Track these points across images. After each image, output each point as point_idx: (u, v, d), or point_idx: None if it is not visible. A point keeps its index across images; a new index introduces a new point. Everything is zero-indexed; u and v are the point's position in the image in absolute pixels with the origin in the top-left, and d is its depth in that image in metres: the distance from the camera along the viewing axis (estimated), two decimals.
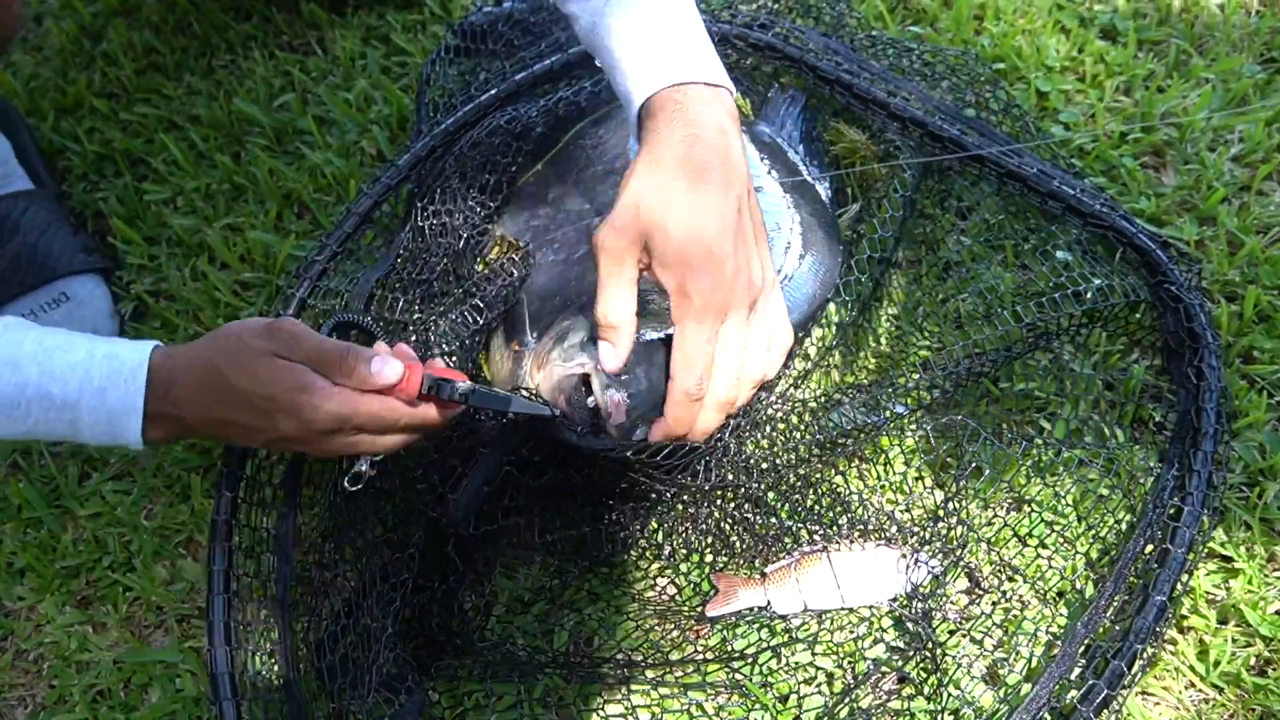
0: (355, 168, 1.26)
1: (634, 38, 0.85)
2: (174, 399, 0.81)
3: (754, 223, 0.82)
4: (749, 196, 0.82)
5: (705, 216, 0.78)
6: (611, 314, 0.80)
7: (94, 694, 0.96)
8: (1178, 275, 0.98)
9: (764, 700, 0.87)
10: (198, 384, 0.81)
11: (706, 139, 0.80)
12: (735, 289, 0.78)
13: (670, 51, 0.84)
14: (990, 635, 0.88)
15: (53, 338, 0.82)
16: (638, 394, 0.83)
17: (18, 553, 1.03)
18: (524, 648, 0.91)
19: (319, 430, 0.80)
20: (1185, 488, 0.90)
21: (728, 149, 0.81)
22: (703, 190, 0.79)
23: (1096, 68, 1.22)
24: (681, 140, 0.80)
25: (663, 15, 0.86)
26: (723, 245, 0.78)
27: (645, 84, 0.83)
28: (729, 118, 0.83)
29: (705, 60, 0.84)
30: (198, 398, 0.81)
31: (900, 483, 0.96)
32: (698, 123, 0.81)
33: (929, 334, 1.04)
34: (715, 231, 0.78)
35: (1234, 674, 0.85)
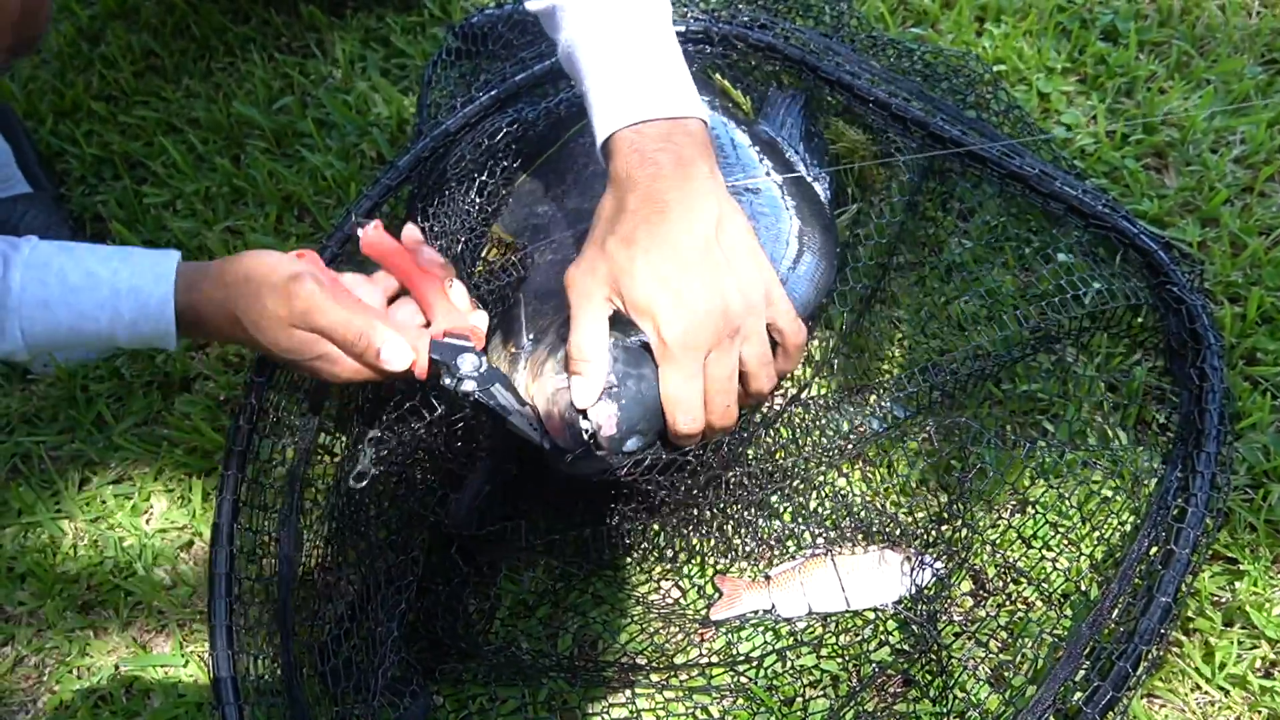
0: (355, 170, 1.26)
1: (598, 73, 0.85)
2: (204, 329, 0.87)
3: (732, 245, 0.81)
4: (722, 221, 0.81)
5: (669, 258, 0.78)
6: (583, 349, 0.81)
7: (95, 699, 0.95)
8: (1180, 276, 0.98)
9: (769, 703, 0.87)
10: (223, 325, 0.86)
11: (665, 176, 0.80)
12: (710, 324, 0.78)
13: (632, 88, 0.83)
14: (995, 637, 0.88)
15: (76, 272, 0.84)
16: (628, 404, 0.83)
17: (18, 557, 1.03)
18: (528, 651, 0.91)
19: (289, 318, 0.84)
20: (1189, 489, 0.89)
21: (688, 181, 0.80)
22: (665, 231, 0.79)
23: (1098, 69, 1.22)
24: (640, 180, 0.80)
25: (630, 47, 0.85)
26: (689, 284, 0.78)
27: (606, 123, 0.83)
28: (691, 147, 0.82)
29: (669, 92, 0.83)
30: (224, 333, 0.87)
31: (904, 485, 0.96)
32: (655, 160, 0.80)
33: (933, 335, 1.03)
34: (680, 271, 0.78)
35: (1240, 676, 0.85)
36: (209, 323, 0.85)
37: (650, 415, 0.82)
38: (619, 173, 0.81)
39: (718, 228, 0.80)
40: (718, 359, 0.79)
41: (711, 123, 1.11)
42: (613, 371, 0.82)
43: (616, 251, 0.79)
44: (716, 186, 0.82)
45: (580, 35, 0.86)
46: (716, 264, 0.79)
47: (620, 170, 0.81)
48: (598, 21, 0.86)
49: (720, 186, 0.82)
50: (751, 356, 0.82)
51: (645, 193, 0.80)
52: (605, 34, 0.86)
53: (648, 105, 0.82)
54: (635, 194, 0.80)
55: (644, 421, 0.82)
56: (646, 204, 0.79)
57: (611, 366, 0.82)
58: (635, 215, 0.79)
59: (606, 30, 0.86)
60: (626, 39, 0.85)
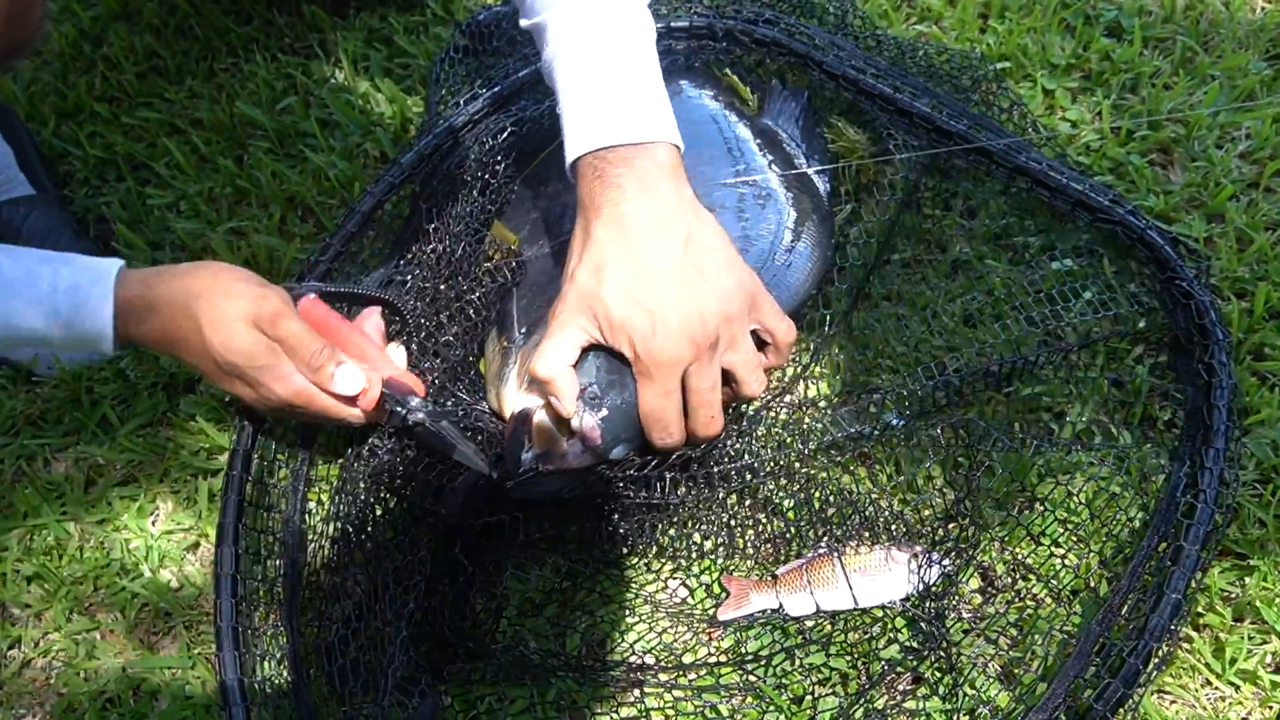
0: (359, 170, 1.26)
1: (571, 95, 0.86)
2: (141, 332, 0.86)
3: (703, 258, 0.81)
4: (691, 236, 0.81)
5: (638, 280, 0.79)
6: (540, 368, 0.82)
7: (103, 701, 0.95)
8: (1187, 271, 0.98)
9: (779, 702, 0.87)
10: (168, 326, 0.85)
11: (628, 199, 0.81)
12: (684, 341, 0.79)
13: (600, 113, 0.83)
14: (1005, 634, 0.88)
15: (14, 269, 0.84)
16: (612, 415, 0.83)
17: (24, 560, 1.03)
18: (536, 650, 0.91)
19: (269, 405, 0.88)
20: (1197, 484, 0.89)
21: (653, 202, 0.81)
22: (631, 253, 0.80)
23: (1102, 65, 1.22)
24: (603, 205, 0.81)
25: (605, 70, 0.85)
26: (659, 303, 0.79)
27: (573, 146, 0.84)
28: (654, 169, 0.82)
29: (638, 117, 0.83)
30: (164, 336, 0.86)
31: (911, 483, 0.96)
32: (618, 184, 0.81)
33: (937, 333, 1.03)
34: (651, 290, 0.79)
35: (1251, 671, 0.85)
36: (153, 320, 0.85)
37: (635, 423, 0.83)
38: (583, 198, 0.83)
39: (686, 243, 0.81)
40: (697, 371, 0.80)
41: (715, 117, 1.12)
42: (595, 382, 0.83)
43: (587, 280, 0.80)
44: (683, 204, 0.82)
45: (560, 54, 0.87)
46: (687, 278, 0.80)
47: (584, 195, 0.83)
48: (577, 42, 0.87)
49: (688, 204, 0.83)
50: (737, 364, 0.83)
51: (609, 217, 0.81)
52: (582, 55, 0.86)
53: (614, 131, 0.82)
54: (599, 220, 0.81)
55: (628, 430, 0.84)
56: (611, 228, 0.81)
57: (595, 378, 0.82)
58: (601, 241, 0.81)
59: (584, 51, 0.86)
60: (602, 61, 0.86)
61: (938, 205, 1.11)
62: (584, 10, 0.87)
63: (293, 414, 0.91)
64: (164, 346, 0.88)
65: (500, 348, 0.95)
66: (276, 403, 0.87)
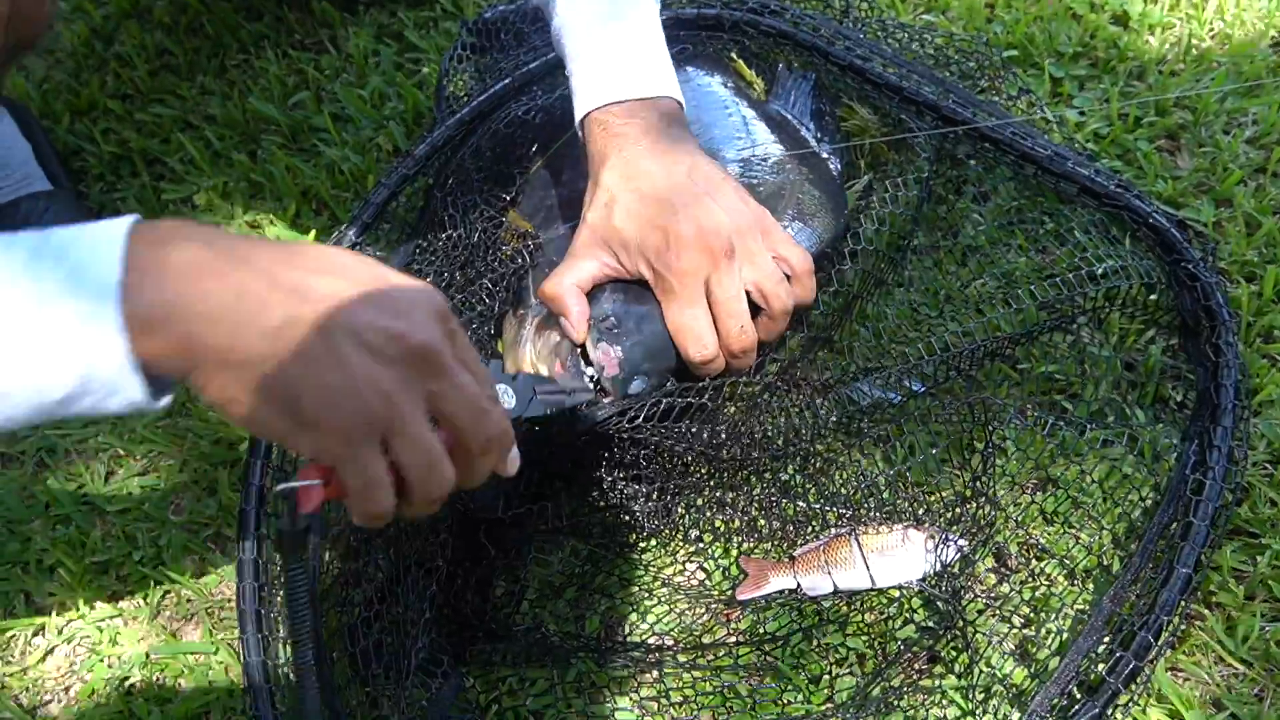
0: (372, 163, 1.27)
1: (579, 57, 0.89)
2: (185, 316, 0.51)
3: (708, 181, 0.84)
4: (695, 166, 0.84)
5: (646, 204, 0.82)
6: (546, 286, 0.84)
7: (127, 688, 0.96)
8: (1193, 254, 0.99)
9: (797, 681, 0.88)
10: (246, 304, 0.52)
11: (631, 143, 0.84)
12: (701, 249, 0.81)
13: (611, 67, 0.87)
14: (1019, 613, 0.89)
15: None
16: (630, 345, 0.84)
17: (48, 549, 1.04)
18: (556, 633, 0.92)
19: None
20: (1206, 462, 0.90)
21: (655, 142, 0.84)
22: (638, 183, 0.83)
23: (1109, 53, 1.23)
24: (609, 152, 0.85)
25: (611, 33, 0.89)
26: (670, 216, 0.81)
27: (581, 104, 0.87)
28: (659, 118, 0.86)
29: (643, 75, 0.87)
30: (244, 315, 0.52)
31: (926, 464, 0.97)
32: (622, 133, 0.85)
33: (950, 317, 1.04)
34: (660, 209, 0.81)
35: (1262, 648, 0.86)
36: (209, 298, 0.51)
37: (654, 354, 0.84)
38: (591, 152, 0.86)
39: (691, 171, 0.84)
40: (719, 280, 0.82)
41: (725, 101, 1.13)
42: (612, 313, 0.83)
43: (597, 217, 0.83)
44: (686, 144, 0.86)
45: (568, 21, 0.90)
46: (695, 194, 0.82)
47: (592, 150, 0.86)
48: (582, 9, 0.90)
49: (691, 144, 0.86)
50: (760, 277, 0.84)
51: (614, 162, 0.84)
52: (589, 20, 0.90)
53: (620, 87, 0.86)
54: (606, 167, 0.84)
55: (647, 361, 0.84)
56: (616, 170, 0.84)
57: (610, 310, 0.83)
58: (608, 183, 0.84)
59: (591, 17, 0.90)
60: (608, 26, 0.89)
61: (950, 191, 1.12)
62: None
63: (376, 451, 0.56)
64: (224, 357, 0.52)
65: (516, 319, 0.96)
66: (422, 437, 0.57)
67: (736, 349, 0.83)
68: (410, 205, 1.14)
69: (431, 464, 0.57)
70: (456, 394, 0.57)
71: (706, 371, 0.85)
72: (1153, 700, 0.85)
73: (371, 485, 0.56)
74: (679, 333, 0.82)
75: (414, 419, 0.55)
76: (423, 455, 0.56)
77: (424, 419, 0.56)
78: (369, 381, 0.53)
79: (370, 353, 0.53)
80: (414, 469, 0.56)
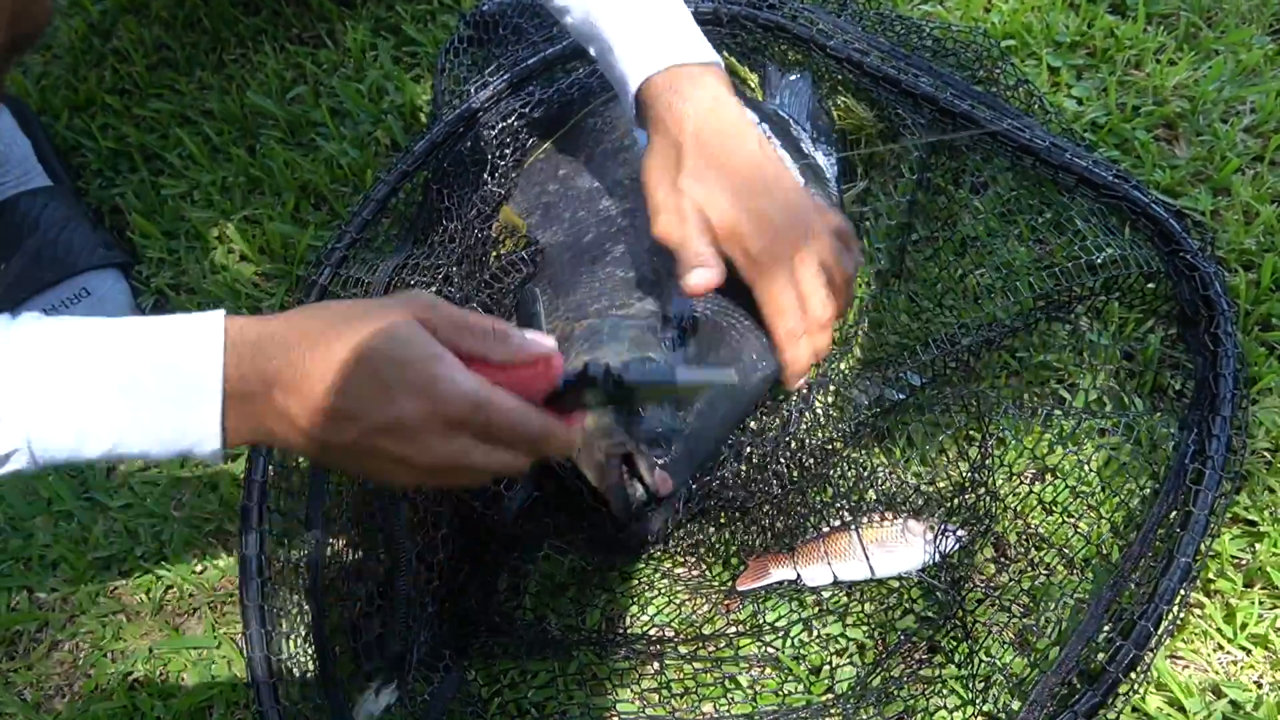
0: (371, 158, 1.27)
1: (625, 25, 0.89)
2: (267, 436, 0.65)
3: (774, 158, 0.87)
4: (762, 142, 0.87)
5: (739, 184, 0.83)
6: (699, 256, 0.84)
7: (131, 682, 0.97)
8: (1191, 243, 0.99)
9: (797, 672, 0.88)
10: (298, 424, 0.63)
11: (708, 113, 0.85)
12: (788, 230, 0.84)
13: (660, 36, 0.88)
14: (1018, 602, 0.89)
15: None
16: (677, 459, 0.84)
17: (50, 545, 1.04)
18: (558, 626, 0.92)
19: (444, 420, 0.62)
20: (1205, 452, 0.90)
21: (726, 113, 0.86)
22: (726, 161, 0.84)
23: (1107, 42, 1.22)
24: (684, 119, 0.85)
25: (647, 5, 0.90)
26: (762, 201, 0.83)
27: (640, 69, 0.88)
28: (722, 87, 0.88)
29: (693, 40, 0.89)
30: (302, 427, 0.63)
31: (924, 456, 0.97)
32: (694, 98, 0.86)
33: (949, 309, 1.04)
34: (752, 193, 0.83)
35: (1261, 635, 0.86)
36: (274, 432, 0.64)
37: (696, 463, 0.86)
38: (662, 113, 0.87)
39: (762, 148, 0.87)
40: (803, 259, 0.85)
41: None
42: (661, 430, 0.83)
43: (692, 187, 0.84)
44: (750, 117, 0.88)
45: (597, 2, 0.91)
46: (777, 177, 0.86)
47: (663, 112, 0.86)
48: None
49: (751, 116, 0.89)
50: (828, 250, 0.87)
51: (695, 129, 0.85)
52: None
53: (676, 52, 0.87)
54: (686, 132, 0.85)
55: (688, 472, 0.86)
56: (700, 140, 0.85)
57: (660, 426, 0.83)
58: (695, 152, 0.85)
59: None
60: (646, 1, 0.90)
61: (947, 182, 1.12)
62: None
63: (464, 440, 0.64)
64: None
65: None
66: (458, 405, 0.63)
67: (824, 319, 0.86)
68: (410, 200, 1.14)
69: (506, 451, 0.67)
70: (481, 477, 0.70)
71: (793, 356, 0.86)
72: (1152, 688, 0.85)
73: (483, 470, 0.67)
74: (774, 312, 0.85)
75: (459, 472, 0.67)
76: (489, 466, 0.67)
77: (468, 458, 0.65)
78: (400, 475, 0.66)
79: (391, 467, 0.65)
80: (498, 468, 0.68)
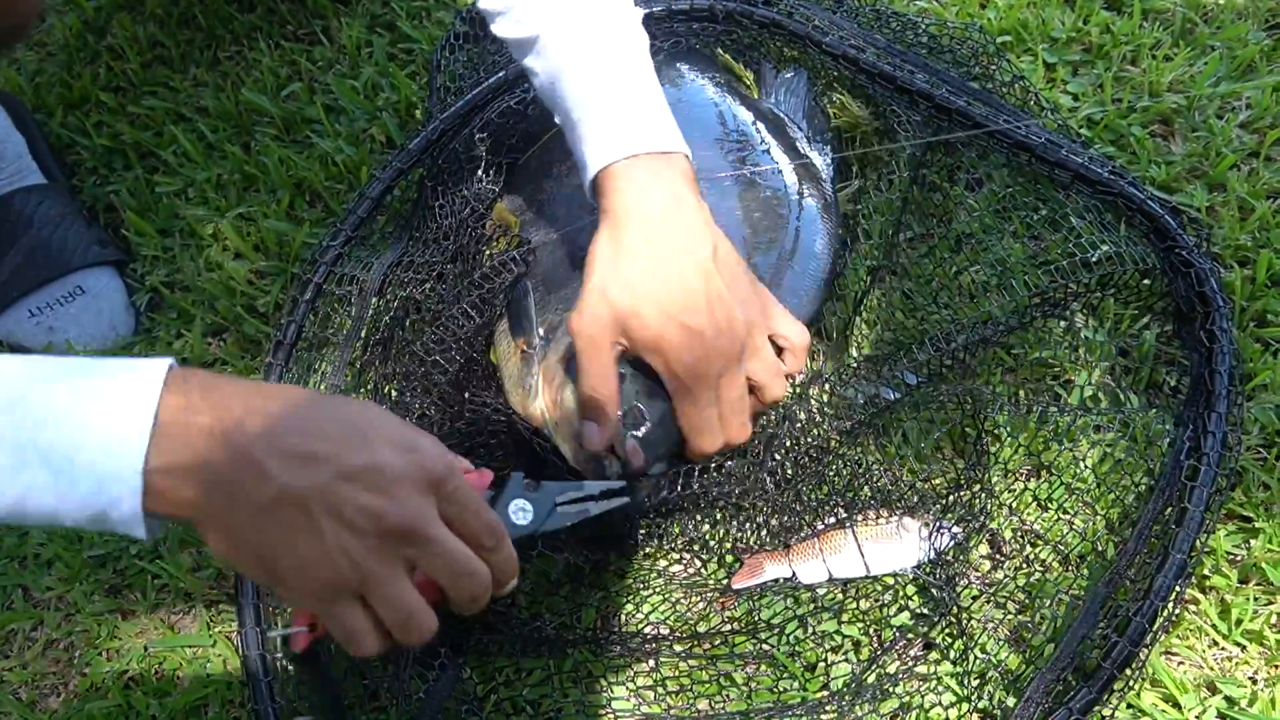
0: (366, 155, 1.27)
1: (589, 103, 0.85)
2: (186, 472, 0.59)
3: (726, 271, 0.83)
4: (716, 250, 0.83)
5: (672, 294, 0.80)
6: (596, 397, 0.82)
7: (126, 680, 0.97)
8: (1186, 240, 0.99)
9: (792, 669, 0.88)
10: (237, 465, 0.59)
11: (660, 211, 0.82)
12: (718, 350, 0.81)
13: (622, 122, 0.84)
14: (1014, 599, 0.89)
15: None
16: (652, 438, 0.85)
17: (45, 544, 1.04)
18: (553, 625, 0.92)
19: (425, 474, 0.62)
20: (1200, 448, 0.90)
21: (681, 214, 0.82)
22: (664, 265, 0.80)
23: (1102, 38, 1.22)
24: (635, 217, 0.82)
25: (617, 82, 0.86)
26: (695, 317, 0.79)
27: (598, 156, 0.83)
28: (682, 181, 0.83)
29: (660, 125, 0.85)
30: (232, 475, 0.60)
31: (919, 453, 0.97)
32: (649, 194, 0.82)
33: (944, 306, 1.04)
34: (685, 305, 0.80)
35: (1256, 631, 0.86)
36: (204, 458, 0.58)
37: (671, 440, 0.85)
38: (613, 208, 0.82)
39: (714, 257, 0.82)
40: (728, 382, 0.82)
41: (715, 99, 1.13)
42: (637, 404, 0.84)
43: (620, 296, 0.80)
44: (707, 219, 0.84)
45: (565, 67, 0.87)
46: (718, 293, 0.81)
47: (616, 206, 0.82)
48: (582, 55, 0.86)
49: (709, 219, 0.84)
50: (761, 370, 0.84)
51: (643, 231, 0.81)
52: (590, 68, 0.86)
53: (639, 140, 0.83)
54: (631, 232, 0.81)
55: (665, 446, 0.85)
56: (645, 243, 0.81)
57: (634, 399, 0.83)
58: (635, 256, 0.81)
59: (592, 64, 0.86)
60: (612, 74, 0.86)
61: (943, 178, 1.12)
62: (584, 25, 0.87)
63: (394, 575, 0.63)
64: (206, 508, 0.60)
65: (518, 351, 0.95)
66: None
67: (736, 441, 0.85)
68: (404, 197, 1.14)
69: (406, 620, 0.64)
70: (437, 561, 0.64)
71: (705, 460, 0.87)
72: (1147, 685, 0.85)
73: (351, 634, 0.63)
74: (692, 431, 0.83)
75: (386, 581, 0.62)
76: (397, 613, 0.63)
77: (400, 579, 0.63)
78: (341, 552, 0.60)
79: (348, 528, 0.60)
80: (391, 623, 0.64)
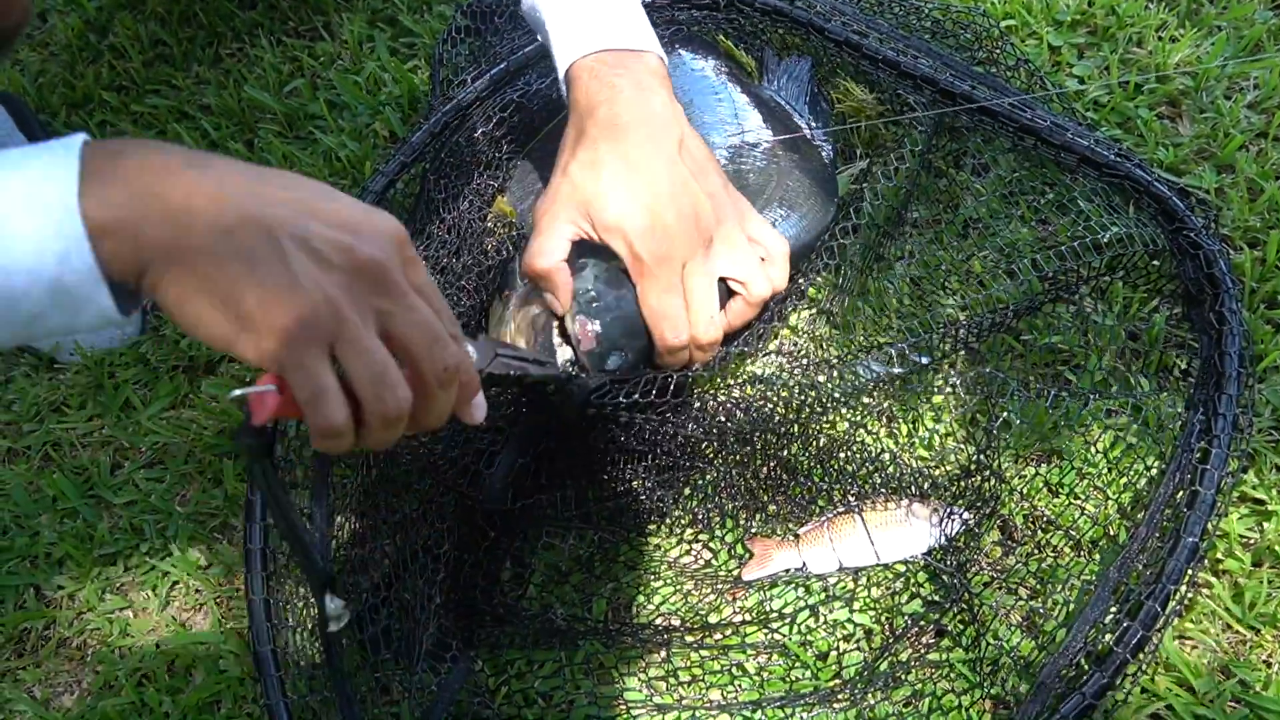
0: (369, 150, 1.26)
1: (558, 11, 0.87)
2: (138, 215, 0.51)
3: (695, 161, 0.83)
4: (684, 140, 0.83)
5: (635, 177, 0.80)
6: (537, 261, 0.81)
7: (139, 678, 0.97)
8: (1195, 221, 0.98)
9: (805, 658, 0.88)
10: (190, 199, 0.52)
11: (625, 99, 0.82)
12: (682, 236, 0.80)
13: (593, 20, 0.85)
14: (1025, 585, 0.89)
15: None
16: (608, 321, 0.84)
17: (56, 543, 1.04)
18: (564, 616, 0.92)
19: (386, 227, 0.57)
20: (1211, 431, 0.90)
21: (647, 104, 0.82)
22: (628, 150, 0.80)
23: (1108, 20, 1.21)
24: (601, 104, 0.82)
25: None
26: (657, 200, 0.79)
27: (566, 54, 0.85)
28: (650, 76, 0.84)
29: (631, 26, 0.86)
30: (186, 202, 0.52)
31: (930, 439, 0.97)
32: (615, 85, 0.82)
33: (951, 291, 1.04)
34: (648, 189, 0.80)
35: (1270, 614, 0.86)
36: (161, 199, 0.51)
37: (631, 332, 0.83)
38: (579, 100, 0.83)
39: (680, 146, 0.82)
40: (694, 269, 0.81)
41: (715, 85, 1.13)
42: (592, 289, 0.83)
43: (581, 176, 0.81)
44: (676, 111, 0.84)
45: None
46: (683, 177, 0.81)
47: (580, 97, 0.83)
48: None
49: (679, 112, 0.84)
50: (738, 264, 0.84)
51: (606, 116, 0.81)
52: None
53: (606, 36, 0.84)
54: (594, 118, 0.81)
55: (624, 338, 0.84)
56: (609, 127, 0.81)
57: (591, 285, 0.83)
58: (598, 139, 0.81)
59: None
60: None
61: (949, 164, 1.11)
62: None
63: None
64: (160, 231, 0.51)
65: (502, 300, 0.96)
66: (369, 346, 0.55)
67: (704, 340, 0.83)
68: (408, 191, 1.14)
69: (381, 375, 0.55)
70: (407, 315, 0.56)
71: (673, 360, 0.85)
72: (1161, 669, 0.85)
73: (320, 393, 0.54)
74: (654, 316, 0.82)
75: (360, 328, 0.54)
76: (371, 365, 0.55)
77: (372, 331, 0.55)
78: (312, 283, 0.52)
79: (316, 259, 0.53)
80: (363, 381, 0.55)
